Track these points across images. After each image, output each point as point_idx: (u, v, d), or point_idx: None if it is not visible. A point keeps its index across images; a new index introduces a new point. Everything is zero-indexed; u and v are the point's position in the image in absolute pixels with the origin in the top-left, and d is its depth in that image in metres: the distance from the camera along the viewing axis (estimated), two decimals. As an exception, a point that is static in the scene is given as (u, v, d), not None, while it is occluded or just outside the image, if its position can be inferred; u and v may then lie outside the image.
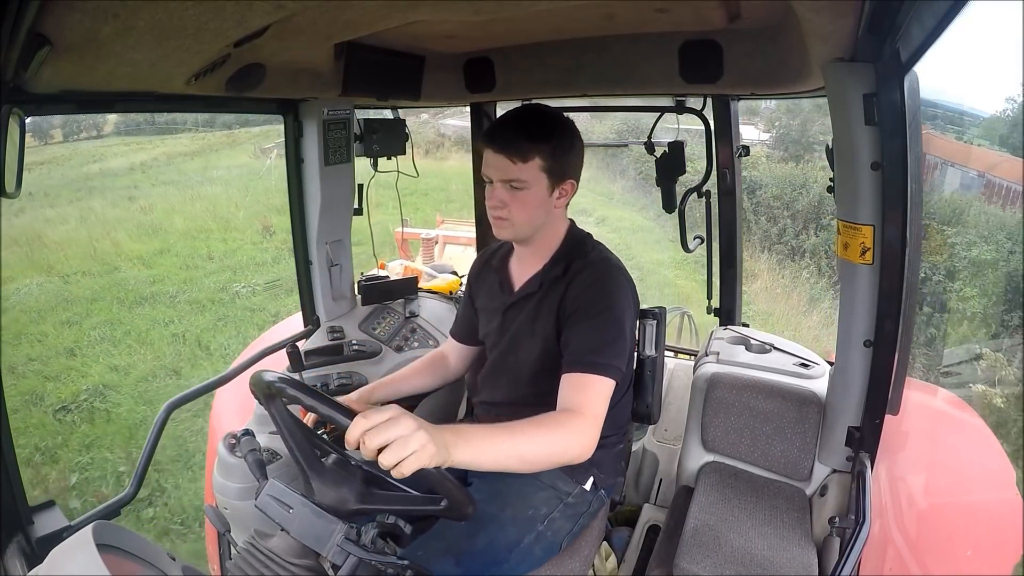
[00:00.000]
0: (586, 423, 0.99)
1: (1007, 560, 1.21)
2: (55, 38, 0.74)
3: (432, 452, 0.76)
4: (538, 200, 1.15)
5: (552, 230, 1.23)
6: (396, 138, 1.88)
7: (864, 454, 1.26)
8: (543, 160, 1.12)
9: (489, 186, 1.17)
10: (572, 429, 0.98)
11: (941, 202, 8.02)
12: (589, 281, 1.15)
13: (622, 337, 1.11)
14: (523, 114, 1.17)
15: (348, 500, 0.86)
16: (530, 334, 1.23)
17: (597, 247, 1.25)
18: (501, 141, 1.13)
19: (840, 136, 1.12)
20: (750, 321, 2.15)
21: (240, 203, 10.73)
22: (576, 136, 1.18)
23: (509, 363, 1.29)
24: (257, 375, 0.91)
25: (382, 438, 0.74)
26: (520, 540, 1.13)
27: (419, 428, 0.76)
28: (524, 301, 1.26)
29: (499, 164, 1.13)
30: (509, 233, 1.19)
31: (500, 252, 1.37)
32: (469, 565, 1.05)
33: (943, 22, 0.80)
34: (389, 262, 2.40)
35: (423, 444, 0.75)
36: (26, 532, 1.02)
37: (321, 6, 0.93)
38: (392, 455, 0.74)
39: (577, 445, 0.97)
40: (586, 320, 1.11)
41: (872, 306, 1.19)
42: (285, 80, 1.30)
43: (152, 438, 1.34)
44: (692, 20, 1.33)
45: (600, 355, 1.06)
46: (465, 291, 1.47)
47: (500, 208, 1.15)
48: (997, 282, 6.20)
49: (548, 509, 1.19)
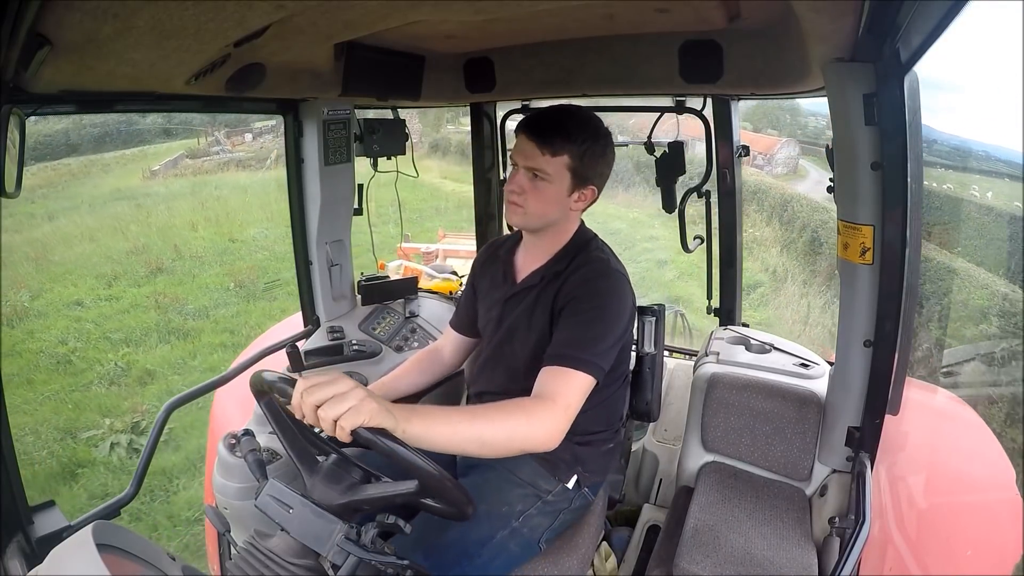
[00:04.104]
0: (554, 412, 0.98)
1: (1007, 560, 1.21)
2: (55, 38, 0.74)
3: (372, 409, 0.77)
4: (556, 196, 1.17)
5: (563, 228, 1.25)
6: (396, 138, 1.88)
7: (864, 454, 1.26)
8: (572, 159, 1.14)
9: (513, 169, 1.19)
10: (538, 416, 0.96)
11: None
12: (583, 279, 1.16)
13: (608, 336, 1.10)
14: (565, 111, 1.18)
15: (345, 497, 0.86)
16: (526, 327, 1.24)
17: (602, 248, 1.26)
18: (537, 129, 1.14)
19: (840, 136, 1.12)
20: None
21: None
22: (609, 147, 1.20)
23: (505, 354, 1.29)
24: (258, 375, 0.91)
25: (318, 395, 0.76)
26: (492, 535, 1.13)
27: (357, 387, 0.78)
28: (523, 293, 1.27)
29: (529, 151, 1.14)
30: (520, 220, 1.21)
31: (508, 243, 1.38)
32: (439, 558, 1.06)
33: (943, 22, 0.80)
34: (389, 263, 2.40)
35: (360, 399, 0.76)
36: (26, 532, 1.02)
37: (321, 6, 0.93)
38: (329, 411, 0.75)
39: (542, 432, 0.95)
40: (572, 317, 1.12)
41: (872, 306, 1.19)
42: (285, 80, 1.30)
43: (152, 438, 1.34)
44: (692, 20, 1.33)
45: (581, 351, 1.06)
46: (468, 280, 1.47)
47: (518, 194, 1.17)
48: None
49: (524, 506, 1.19)
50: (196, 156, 16.63)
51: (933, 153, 7.40)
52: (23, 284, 8.06)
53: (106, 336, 7.00)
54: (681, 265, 8.85)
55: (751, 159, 6.93)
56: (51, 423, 5.05)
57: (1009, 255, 7.04)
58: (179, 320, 7.41)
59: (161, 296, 8.02)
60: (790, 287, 8.47)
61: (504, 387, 1.29)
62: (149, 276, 8.83)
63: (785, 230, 10.06)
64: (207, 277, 8.89)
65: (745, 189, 1.96)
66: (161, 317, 7.44)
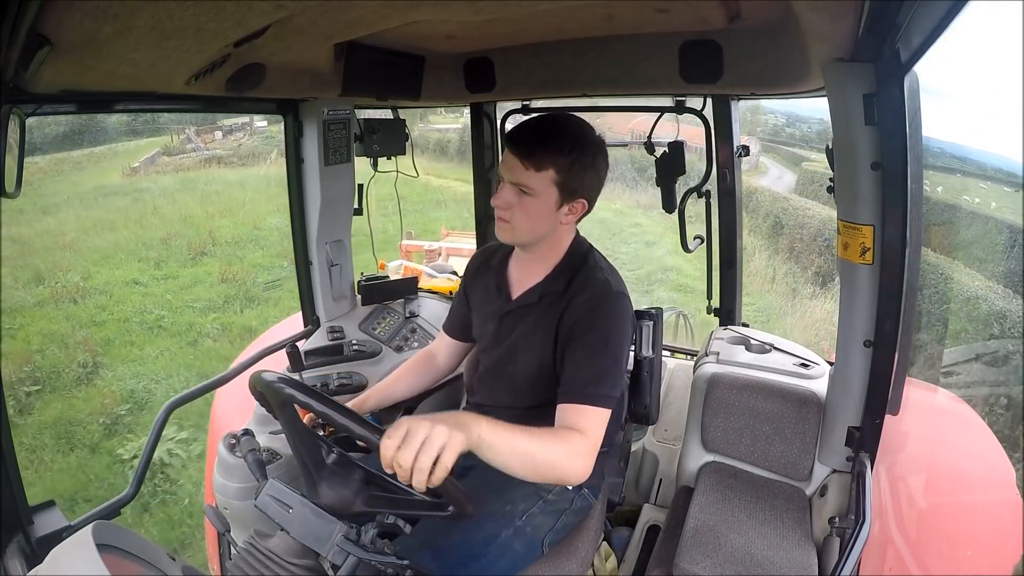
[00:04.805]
0: (587, 448, 1.01)
1: (1007, 560, 1.21)
2: (55, 38, 0.74)
3: (460, 438, 0.80)
4: (544, 211, 1.13)
5: (555, 242, 1.21)
6: (396, 138, 1.88)
7: (864, 454, 1.26)
8: (557, 173, 1.09)
9: (501, 183, 1.15)
10: (576, 450, 1.00)
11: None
12: (588, 306, 1.13)
13: (617, 365, 1.11)
14: (550, 122, 1.14)
15: (353, 502, 0.86)
16: (528, 347, 1.21)
17: (600, 265, 1.22)
18: (520, 144, 1.10)
19: (840, 136, 1.12)
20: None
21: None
22: (600, 156, 1.15)
23: (507, 372, 1.27)
24: (258, 375, 0.91)
25: (409, 451, 0.77)
26: (497, 535, 1.13)
27: (435, 424, 0.79)
28: (521, 312, 1.23)
29: (513, 165, 1.11)
30: (508, 236, 1.17)
31: (500, 252, 1.35)
32: (446, 560, 1.06)
33: (943, 22, 0.79)
34: (389, 263, 2.40)
35: (448, 435, 0.78)
36: (26, 532, 1.02)
37: (321, 6, 0.93)
38: (425, 460, 0.77)
39: (577, 467, 0.99)
40: (583, 349, 1.10)
41: (872, 306, 1.19)
42: (285, 80, 1.30)
43: (152, 438, 1.34)
44: (692, 20, 1.33)
45: (598, 387, 1.06)
46: (460, 286, 1.45)
47: (505, 209, 1.14)
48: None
49: (526, 505, 1.19)
50: (172, 154, 16.75)
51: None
52: (67, 268, 8.40)
53: (188, 305, 7.56)
54: (668, 245, 9.91)
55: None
56: (182, 372, 5.66)
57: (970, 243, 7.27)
58: (256, 290, 8.04)
59: (226, 271, 8.47)
60: (758, 260, 9.85)
61: (507, 403, 1.28)
62: (195, 259, 9.26)
63: (751, 217, 11.17)
64: (256, 258, 9.37)
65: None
66: (238, 288, 7.98)
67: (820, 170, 13.62)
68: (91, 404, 5.21)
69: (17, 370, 5.55)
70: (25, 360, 5.78)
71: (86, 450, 4.60)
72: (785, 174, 15.11)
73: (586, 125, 1.15)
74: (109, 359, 6.15)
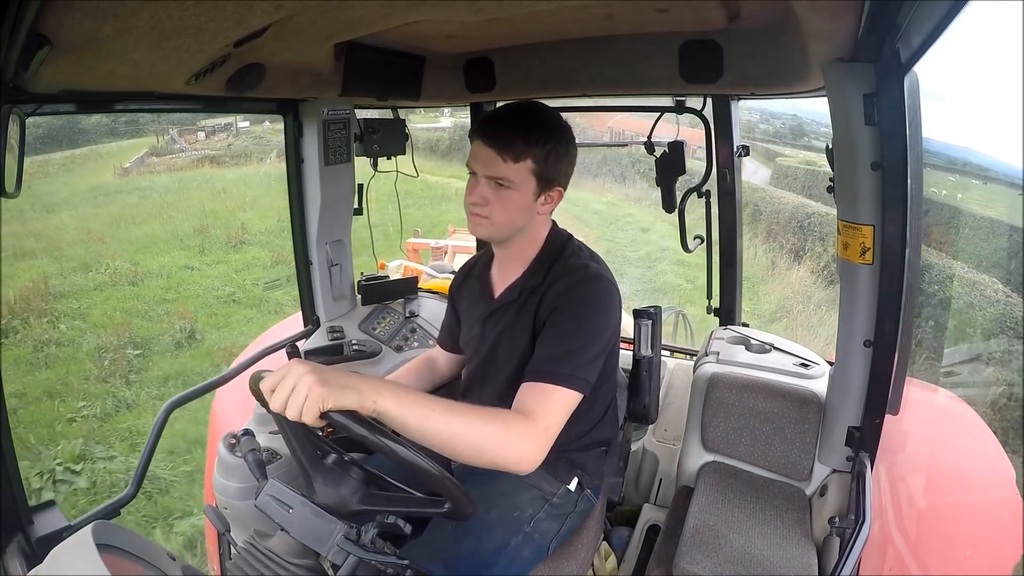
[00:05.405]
0: (534, 431, 0.92)
1: (1007, 560, 1.21)
2: (55, 38, 0.74)
3: (322, 393, 0.75)
4: (522, 203, 1.11)
5: (532, 234, 1.19)
6: (396, 138, 1.88)
7: (864, 454, 1.26)
8: (535, 163, 1.08)
9: (472, 179, 1.11)
10: (516, 432, 0.90)
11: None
12: (562, 290, 1.10)
13: (593, 346, 1.04)
14: (522, 111, 1.11)
15: (350, 501, 0.86)
16: (509, 344, 1.19)
17: (578, 252, 1.19)
18: (495, 134, 1.07)
19: (840, 136, 1.12)
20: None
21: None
22: (571, 143, 1.14)
23: (491, 372, 1.25)
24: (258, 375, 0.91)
25: (280, 393, 0.77)
26: (507, 542, 1.11)
27: (308, 372, 0.77)
28: (503, 310, 1.22)
29: (488, 159, 1.07)
30: (486, 232, 1.14)
31: (481, 261, 1.34)
32: (459, 568, 1.03)
33: (943, 22, 0.80)
34: (389, 262, 2.40)
35: (308, 386, 0.76)
36: (26, 532, 1.02)
37: (321, 6, 0.93)
38: (292, 407, 0.76)
39: (517, 451, 0.89)
40: (551, 329, 1.06)
41: (872, 306, 1.19)
42: (285, 80, 1.30)
43: (152, 438, 1.34)
44: (692, 20, 1.33)
45: (562, 365, 1.00)
46: (448, 302, 1.44)
47: (481, 205, 1.10)
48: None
49: (533, 510, 1.17)
50: (160, 154, 16.94)
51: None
52: (113, 256, 8.81)
53: (253, 283, 8.05)
54: (662, 230, 10.75)
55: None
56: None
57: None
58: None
59: (278, 255, 8.75)
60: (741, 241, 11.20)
61: (491, 404, 1.27)
62: (235, 246, 9.69)
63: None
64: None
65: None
66: (291, 270, 8.17)
67: (793, 164, 14.56)
68: (204, 361, 5.75)
69: (116, 338, 6.05)
70: (125, 328, 6.31)
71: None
72: (760, 169, 15.40)
73: (556, 113, 1.13)
74: (201, 326, 6.59)
